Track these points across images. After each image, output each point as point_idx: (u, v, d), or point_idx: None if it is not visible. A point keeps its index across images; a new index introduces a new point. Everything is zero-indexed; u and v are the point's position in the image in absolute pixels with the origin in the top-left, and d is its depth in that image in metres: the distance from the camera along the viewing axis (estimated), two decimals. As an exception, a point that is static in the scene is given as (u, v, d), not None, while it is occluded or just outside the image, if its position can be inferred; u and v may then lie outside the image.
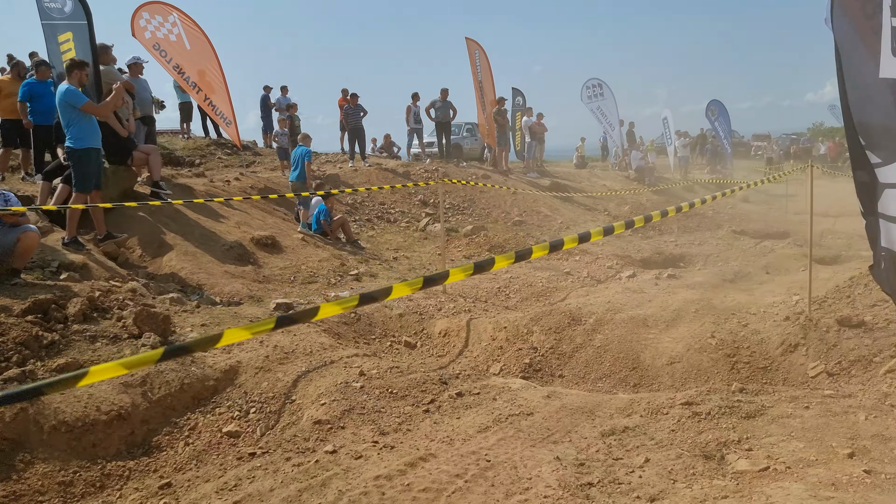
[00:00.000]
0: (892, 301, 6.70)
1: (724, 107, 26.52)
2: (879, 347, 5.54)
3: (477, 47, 18.01)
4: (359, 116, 17.02)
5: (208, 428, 5.41)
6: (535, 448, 4.32)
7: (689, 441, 4.14)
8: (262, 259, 9.34)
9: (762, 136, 39.21)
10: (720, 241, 13.89)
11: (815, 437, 3.87)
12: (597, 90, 22.76)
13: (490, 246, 11.81)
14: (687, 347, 6.53)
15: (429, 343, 7.43)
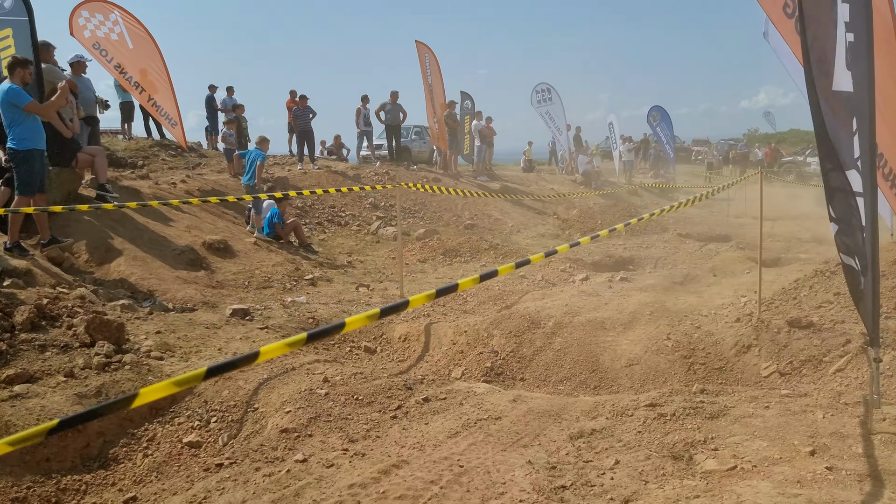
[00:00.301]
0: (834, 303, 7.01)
1: (667, 112, 27.19)
2: (828, 347, 5.77)
3: (427, 50, 18.04)
4: (308, 118, 16.86)
5: (167, 438, 5.27)
6: (506, 452, 4.35)
7: (656, 442, 4.23)
8: (215, 264, 9.14)
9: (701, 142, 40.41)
10: (667, 244, 14.22)
11: (778, 436, 4.00)
12: (546, 95, 23.06)
13: (444, 250, 11.84)
14: (644, 349, 6.66)
15: (389, 348, 7.40)
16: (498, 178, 20.04)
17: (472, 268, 10.85)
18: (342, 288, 9.27)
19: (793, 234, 16.00)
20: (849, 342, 5.72)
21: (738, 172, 29.37)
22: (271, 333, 6.94)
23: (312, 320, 7.58)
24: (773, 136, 45.76)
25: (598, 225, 15.72)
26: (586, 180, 22.05)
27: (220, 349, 6.35)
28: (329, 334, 2.43)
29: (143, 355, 5.97)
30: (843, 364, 5.41)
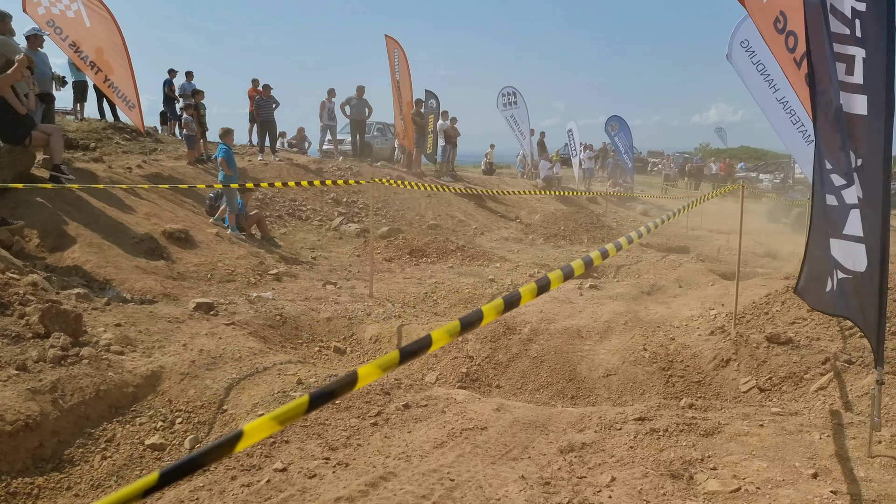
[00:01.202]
0: (808, 319, 7.04)
1: (626, 122, 27.43)
2: (808, 364, 5.76)
3: (396, 46, 17.78)
4: (271, 108, 16.43)
5: (128, 440, 4.95)
6: (496, 466, 4.17)
7: (651, 459, 4.11)
8: (176, 254, 8.73)
9: (656, 153, 41.13)
10: (629, 253, 14.28)
11: (777, 457, 3.92)
12: (511, 98, 23.03)
13: (410, 249, 11.61)
14: (622, 360, 6.58)
15: (359, 349, 7.15)
16: (461, 180, 19.90)
17: (440, 269, 10.66)
18: (308, 284, 8.97)
19: (748, 248, 16.24)
20: (828, 360, 5.73)
21: (693, 185, 29.95)
22: (238, 330, 6.62)
23: (280, 317, 7.28)
24: (724, 151, 46.86)
25: (560, 230, 15.71)
26: (547, 185, 22.09)
27: (185, 345, 6.01)
28: (419, 353, 2.16)
29: (103, 349, 5.60)
30: (826, 382, 5.40)
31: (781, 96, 7.78)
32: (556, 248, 14.47)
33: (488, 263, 11.33)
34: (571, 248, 14.52)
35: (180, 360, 5.67)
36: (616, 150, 27.25)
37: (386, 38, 17.96)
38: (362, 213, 14.56)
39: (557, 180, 22.78)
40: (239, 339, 6.34)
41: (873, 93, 3.68)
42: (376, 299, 8.48)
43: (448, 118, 20.12)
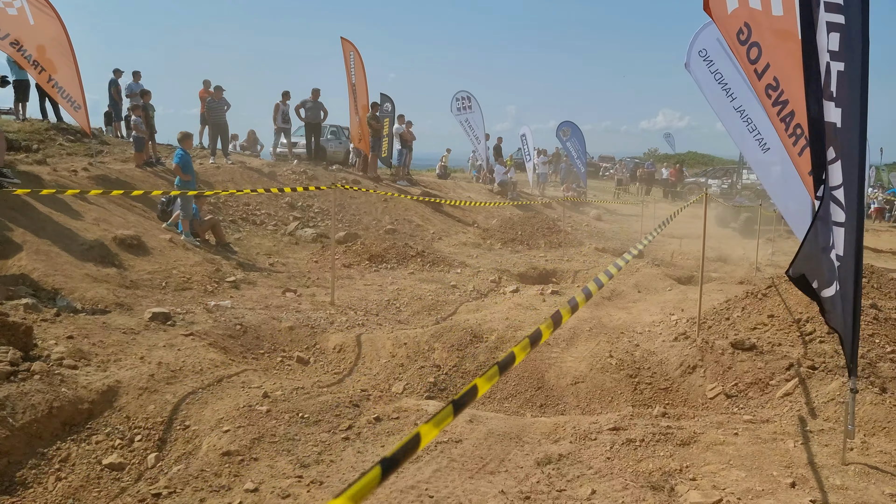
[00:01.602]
0: (769, 325, 7.16)
1: (578, 128, 27.65)
2: (772, 370, 5.84)
3: (352, 48, 17.58)
4: (222, 110, 16.05)
5: (84, 459, 4.71)
6: (474, 480, 4.08)
7: (629, 470, 4.08)
8: (128, 261, 8.41)
9: (607, 158, 41.75)
10: (586, 257, 14.40)
11: (754, 466, 3.94)
12: (465, 102, 23.01)
13: (369, 255, 11.45)
14: (589, 367, 6.58)
15: (323, 359, 6.98)
16: (418, 184, 19.80)
17: (401, 275, 10.54)
18: (267, 292, 8.74)
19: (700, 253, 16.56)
20: (792, 366, 5.81)
21: (644, 190, 30.44)
22: (198, 340, 6.38)
23: (240, 327, 7.06)
24: (672, 156, 47.86)
25: (518, 235, 15.74)
26: (502, 190, 22.15)
27: (143, 358, 5.76)
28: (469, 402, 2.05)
29: (55, 363, 5.32)
30: (791, 388, 5.48)
31: (738, 105, 7.90)
32: (514, 252, 14.48)
33: (449, 269, 11.25)
34: (530, 253, 14.56)
35: (138, 373, 5.43)
36: (569, 155, 27.42)
37: (342, 41, 17.75)
38: (318, 218, 14.33)
39: (513, 185, 22.86)
40: (199, 351, 6.11)
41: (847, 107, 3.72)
42: (338, 307, 8.31)
43: (404, 122, 20.00)
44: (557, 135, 26.86)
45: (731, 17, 6.55)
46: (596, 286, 3.00)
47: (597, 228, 20.67)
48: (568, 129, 27.22)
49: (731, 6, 6.97)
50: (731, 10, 6.54)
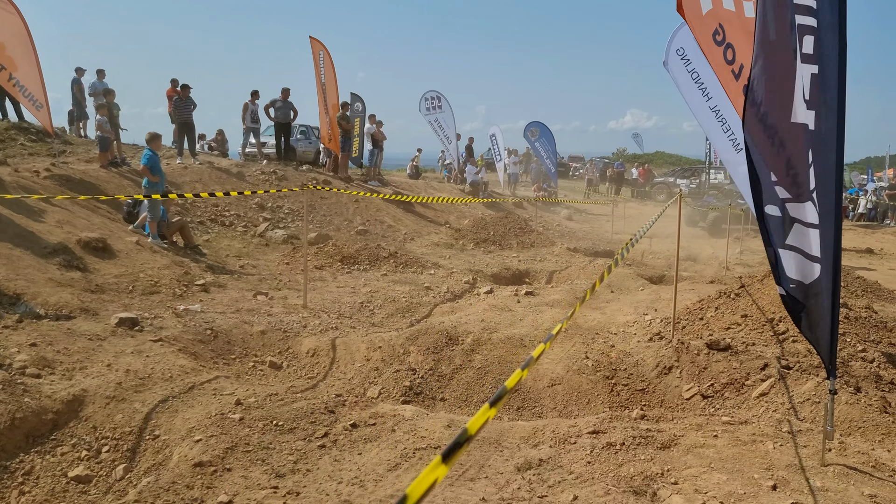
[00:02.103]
0: (742, 325, 7.21)
1: (548, 128, 27.65)
2: (747, 371, 5.86)
3: (321, 48, 17.39)
4: (189, 109, 15.78)
5: (49, 472, 4.55)
6: (454, 488, 4.02)
7: (611, 474, 4.04)
8: (93, 265, 8.18)
9: (577, 158, 42.01)
10: (558, 257, 14.43)
11: (735, 468, 3.93)
12: (435, 102, 22.92)
13: (342, 257, 11.31)
14: (566, 369, 6.55)
15: (296, 363, 6.86)
16: (389, 184, 19.67)
17: (373, 276, 10.42)
18: (238, 295, 8.57)
19: (671, 252, 16.71)
20: (767, 365, 5.84)
21: (613, 190, 30.67)
22: (167, 346, 6.22)
23: (211, 332, 6.90)
24: (640, 156, 48.34)
25: (490, 236, 15.72)
26: (474, 190, 22.13)
27: (110, 365, 5.59)
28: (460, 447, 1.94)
29: (17, 372, 5.14)
30: (767, 388, 5.50)
31: (714, 105, 7.95)
32: (487, 253, 14.45)
33: (422, 270, 11.17)
34: (502, 254, 14.54)
35: (105, 382, 5.26)
36: (537, 155, 27.35)
37: (311, 40, 17.56)
38: (288, 219, 14.15)
39: (484, 185, 22.85)
40: (168, 357, 5.95)
41: (821, 110, 3.72)
42: (311, 310, 8.18)
43: (375, 121, 19.86)
44: (525, 135, 26.79)
45: (705, 18, 6.58)
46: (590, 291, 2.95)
47: (568, 228, 20.76)
48: (536, 129, 27.19)
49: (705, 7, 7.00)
50: (705, 11, 6.57)
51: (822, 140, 3.68)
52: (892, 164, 39.53)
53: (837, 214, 3.72)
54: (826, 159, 3.67)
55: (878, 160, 49.50)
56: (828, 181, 3.68)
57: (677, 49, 7.91)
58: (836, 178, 3.70)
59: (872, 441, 4.41)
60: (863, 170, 38.59)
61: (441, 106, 22.95)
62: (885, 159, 42.10)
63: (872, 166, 40.82)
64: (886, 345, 6.69)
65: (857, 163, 50.68)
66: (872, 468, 3.95)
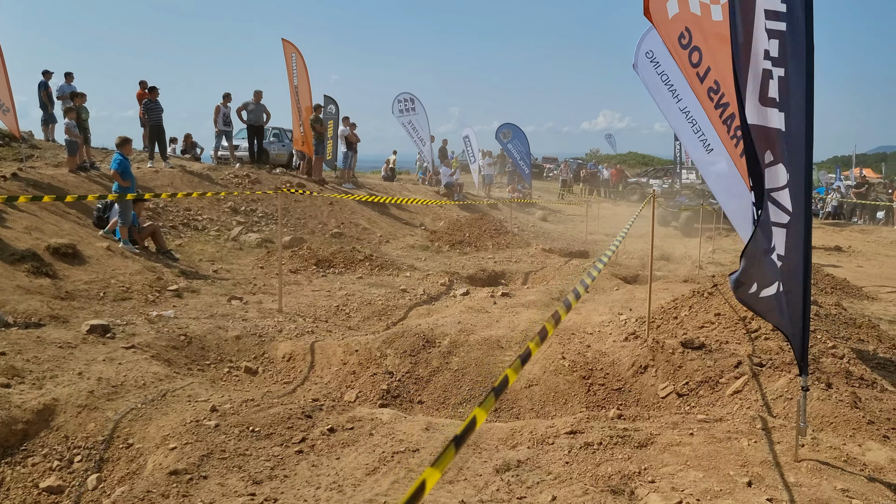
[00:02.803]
0: (716, 323, 7.29)
1: (521, 130, 27.63)
2: (721, 369, 5.93)
3: (294, 50, 17.29)
4: (159, 112, 15.59)
5: (20, 483, 4.47)
6: (433, 491, 4.00)
7: (589, 474, 4.07)
8: (63, 271, 8.04)
9: (550, 159, 42.25)
10: (533, 258, 14.49)
11: (711, 466, 3.97)
12: (408, 104, 22.90)
13: (317, 260, 11.26)
14: (543, 369, 6.57)
15: (272, 368, 6.80)
16: (363, 186, 19.61)
17: (349, 280, 10.38)
18: (212, 300, 8.48)
19: (645, 252, 16.86)
20: (740, 363, 5.92)
21: (587, 190, 30.90)
22: (140, 353, 6.13)
23: (185, 337, 6.81)
24: (613, 157, 48.75)
25: (465, 237, 15.74)
26: (448, 192, 22.14)
27: (81, 373, 5.49)
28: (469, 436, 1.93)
29: (-15, 382, 5.02)
30: (740, 385, 5.57)
31: (684, 106, 8.03)
32: (462, 255, 14.47)
33: (398, 273, 11.15)
34: (478, 255, 14.57)
35: (76, 390, 5.17)
36: (510, 156, 27.28)
37: (283, 42, 17.45)
38: (262, 222, 14.04)
39: (459, 187, 22.87)
40: (141, 364, 5.87)
41: (789, 111, 3.78)
42: (286, 314, 8.12)
43: (348, 124, 19.79)
44: (497, 137, 26.76)
45: (672, 22, 6.65)
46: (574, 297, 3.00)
47: (543, 229, 20.85)
48: (509, 130, 27.15)
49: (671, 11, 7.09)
50: (671, 15, 6.64)
51: (791, 140, 3.74)
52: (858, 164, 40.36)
53: (807, 213, 3.78)
54: (796, 159, 3.72)
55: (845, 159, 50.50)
56: (798, 180, 3.74)
57: (646, 52, 7.99)
58: (806, 178, 3.76)
59: (844, 436, 4.48)
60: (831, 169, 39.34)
61: (415, 108, 22.95)
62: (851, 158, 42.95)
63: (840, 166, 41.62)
64: (856, 341, 6.83)
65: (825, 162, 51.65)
66: (844, 463, 4.01)
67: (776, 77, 3.71)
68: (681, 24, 6.95)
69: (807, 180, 3.76)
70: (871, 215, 26.13)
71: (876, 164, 47.50)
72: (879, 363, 6.32)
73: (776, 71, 3.71)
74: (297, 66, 17.46)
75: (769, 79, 3.83)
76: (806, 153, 3.72)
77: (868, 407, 4.96)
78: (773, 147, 3.87)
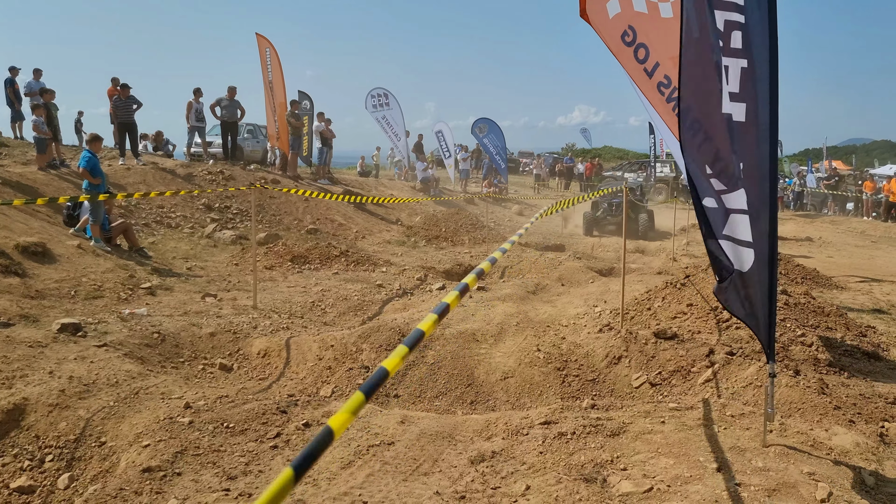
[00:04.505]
0: (688, 313, 7.38)
1: (496, 124, 27.57)
2: (693, 358, 6.02)
3: (268, 45, 17.16)
4: (131, 109, 15.38)
5: (-11, 484, 4.39)
6: (408, 483, 4.03)
7: (562, 463, 4.11)
8: (32, 270, 7.92)
9: (527, 154, 42.35)
10: (509, 252, 14.54)
11: (682, 453, 4.03)
12: (382, 100, 22.81)
13: (292, 256, 11.20)
14: (518, 362, 6.62)
15: (247, 365, 6.77)
16: (339, 182, 19.53)
17: (325, 275, 10.35)
18: (186, 298, 8.41)
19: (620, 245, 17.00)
20: (712, 352, 6.01)
21: (562, 184, 31.05)
22: (112, 351, 6.07)
23: (158, 335, 6.76)
24: (589, 151, 49.00)
25: (442, 232, 15.75)
26: (424, 188, 22.14)
27: (52, 372, 5.43)
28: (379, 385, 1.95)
29: (-47, 383, 4.95)
30: (711, 374, 5.66)
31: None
32: (439, 249, 14.48)
33: (374, 268, 11.14)
34: (454, 250, 14.60)
35: (47, 389, 5.11)
36: (486, 151, 27.22)
37: (257, 37, 17.31)
38: (237, 219, 13.94)
39: (435, 182, 22.87)
40: (114, 362, 5.82)
41: (752, 102, 3.84)
42: (261, 310, 8.08)
43: (323, 119, 19.70)
44: (473, 131, 26.72)
45: (613, 22, 6.73)
46: (489, 263, 3.05)
47: (519, 223, 20.92)
48: (484, 125, 27.07)
49: (612, 11, 7.17)
50: (612, 15, 6.71)
51: (755, 131, 3.80)
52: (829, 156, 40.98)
53: (773, 202, 3.84)
54: (760, 149, 3.78)
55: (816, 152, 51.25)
56: (762, 170, 3.80)
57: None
58: (771, 167, 3.82)
59: (811, 421, 4.57)
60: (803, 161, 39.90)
61: (388, 103, 22.87)
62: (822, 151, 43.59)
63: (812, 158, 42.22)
64: (824, 329, 6.95)
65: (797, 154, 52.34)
66: (811, 447, 4.10)
67: (738, 69, 3.77)
68: (623, 23, 7.04)
69: (771, 171, 3.82)
70: (841, 206, 26.57)
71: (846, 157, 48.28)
72: (847, 350, 6.45)
73: (738, 62, 3.77)
74: (272, 61, 17.34)
75: (729, 71, 3.89)
76: (770, 144, 3.79)
77: (835, 393, 5.07)
78: (733, 138, 3.94)
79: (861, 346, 6.58)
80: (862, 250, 17.24)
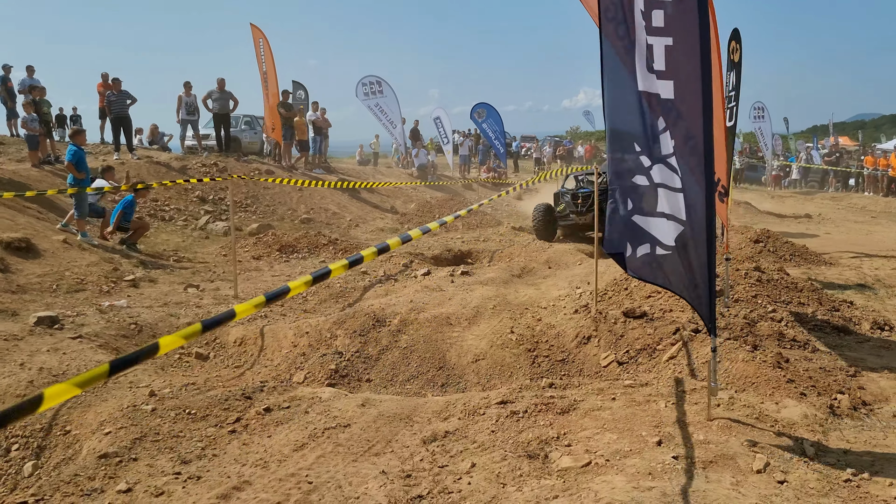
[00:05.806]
0: (662, 293, 7.40)
1: (495, 109, 27.44)
2: (660, 336, 6.04)
3: (261, 36, 17.18)
4: (124, 104, 15.47)
5: (-45, 474, 4.50)
6: (357, 463, 4.10)
7: (510, 441, 4.16)
8: (15, 265, 8.04)
9: (529, 138, 42.18)
10: (502, 237, 14.55)
11: (626, 428, 4.08)
12: (375, 87, 22.69)
13: (280, 246, 11.29)
14: (490, 344, 6.66)
15: (223, 353, 6.86)
16: (334, 172, 19.58)
17: (311, 264, 10.43)
18: (168, 289, 8.51)
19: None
20: (678, 330, 6.02)
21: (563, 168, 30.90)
22: (86, 343, 6.17)
23: (135, 326, 6.86)
24: (592, 133, 48.74)
25: (435, 218, 15.78)
26: (422, 174, 22.15)
27: (23, 364, 5.54)
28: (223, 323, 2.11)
29: (-77, 376, 5.06)
30: (675, 352, 5.68)
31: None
32: (430, 236, 14.50)
33: (361, 255, 11.19)
34: (447, 236, 14.61)
35: (16, 381, 5.22)
36: (485, 136, 27.10)
37: (251, 27, 17.33)
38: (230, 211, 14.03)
39: (433, 168, 22.87)
40: (86, 353, 5.92)
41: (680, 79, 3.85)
42: (242, 300, 8.17)
43: (318, 109, 19.72)
44: (472, 116, 26.60)
45: None
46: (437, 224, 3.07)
47: (517, 208, 20.89)
48: (483, 110, 26.95)
49: None
50: None
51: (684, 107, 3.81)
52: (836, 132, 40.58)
53: (708, 178, 3.85)
54: (692, 125, 3.79)
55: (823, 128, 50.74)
56: (695, 146, 3.81)
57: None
58: (706, 143, 3.82)
59: (763, 395, 4.59)
60: (808, 138, 39.54)
61: (382, 90, 22.75)
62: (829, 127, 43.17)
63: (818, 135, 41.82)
64: (796, 304, 6.95)
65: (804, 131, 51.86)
66: (756, 420, 4.13)
67: (662, 46, 3.78)
68: None
69: (706, 146, 3.82)
70: (843, 182, 26.35)
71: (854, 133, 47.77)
72: (816, 325, 6.45)
73: (662, 41, 3.78)
74: (265, 52, 17.36)
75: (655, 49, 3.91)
76: (704, 120, 3.79)
77: (794, 367, 5.07)
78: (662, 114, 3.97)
79: (831, 321, 6.57)
80: (861, 226, 17.13)
